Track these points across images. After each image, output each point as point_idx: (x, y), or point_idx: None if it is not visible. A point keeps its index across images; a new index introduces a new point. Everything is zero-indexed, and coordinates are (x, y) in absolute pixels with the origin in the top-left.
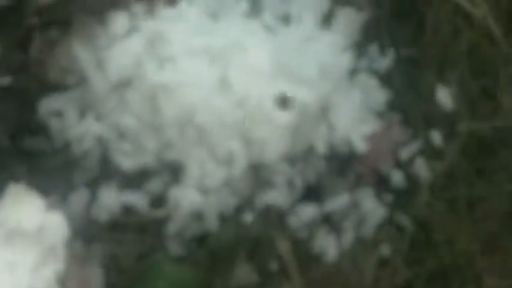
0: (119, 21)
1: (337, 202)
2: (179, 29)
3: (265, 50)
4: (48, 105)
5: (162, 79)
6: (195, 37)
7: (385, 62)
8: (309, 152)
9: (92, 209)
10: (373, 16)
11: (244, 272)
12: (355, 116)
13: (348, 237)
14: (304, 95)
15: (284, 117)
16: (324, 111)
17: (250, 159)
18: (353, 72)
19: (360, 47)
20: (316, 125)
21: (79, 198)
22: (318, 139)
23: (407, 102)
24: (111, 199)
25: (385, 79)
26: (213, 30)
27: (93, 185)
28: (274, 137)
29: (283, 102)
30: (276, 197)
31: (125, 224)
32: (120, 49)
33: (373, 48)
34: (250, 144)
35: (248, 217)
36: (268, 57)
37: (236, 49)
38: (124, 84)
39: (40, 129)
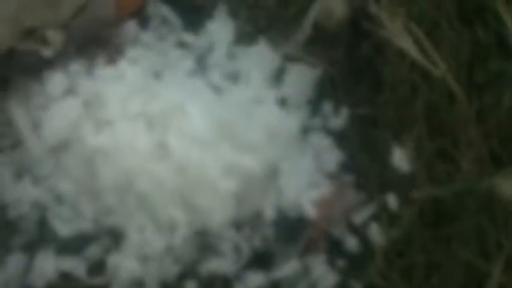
0: (56, 81)
1: (287, 269)
2: (117, 91)
3: (208, 114)
4: None
5: (99, 143)
6: (134, 99)
7: (339, 122)
8: (257, 217)
9: (28, 275)
10: (327, 73)
11: None
12: (306, 179)
13: None
14: (249, 161)
15: (228, 185)
16: (272, 176)
17: (194, 225)
18: (305, 132)
19: (313, 105)
20: (263, 190)
21: (15, 262)
22: (266, 204)
23: (361, 164)
24: (48, 265)
25: (339, 139)
26: (154, 91)
27: (30, 249)
28: (218, 203)
29: None
30: (221, 264)
31: None
32: (57, 111)
33: (327, 107)
34: (193, 210)
35: (191, 285)
36: (210, 121)
37: (176, 113)
38: (61, 147)
39: None
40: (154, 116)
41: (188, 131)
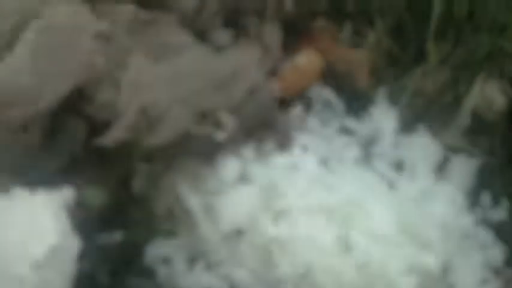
0: (229, 166)
1: None
2: (294, 181)
3: (385, 209)
4: (156, 251)
5: (277, 233)
6: (311, 191)
7: (499, 213)
8: None
9: None
10: (486, 163)
11: None
12: (476, 275)
13: None
14: (428, 259)
15: (408, 283)
16: (445, 273)
17: None
18: (471, 225)
19: (472, 196)
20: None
21: None
22: None
23: None
24: None
25: (500, 232)
26: (328, 182)
27: None
28: None
29: None
30: None
31: None
32: (232, 197)
33: (486, 198)
34: None
35: None
36: (389, 217)
37: (355, 207)
38: (236, 235)
39: (146, 273)
40: (332, 209)
41: (369, 226)
